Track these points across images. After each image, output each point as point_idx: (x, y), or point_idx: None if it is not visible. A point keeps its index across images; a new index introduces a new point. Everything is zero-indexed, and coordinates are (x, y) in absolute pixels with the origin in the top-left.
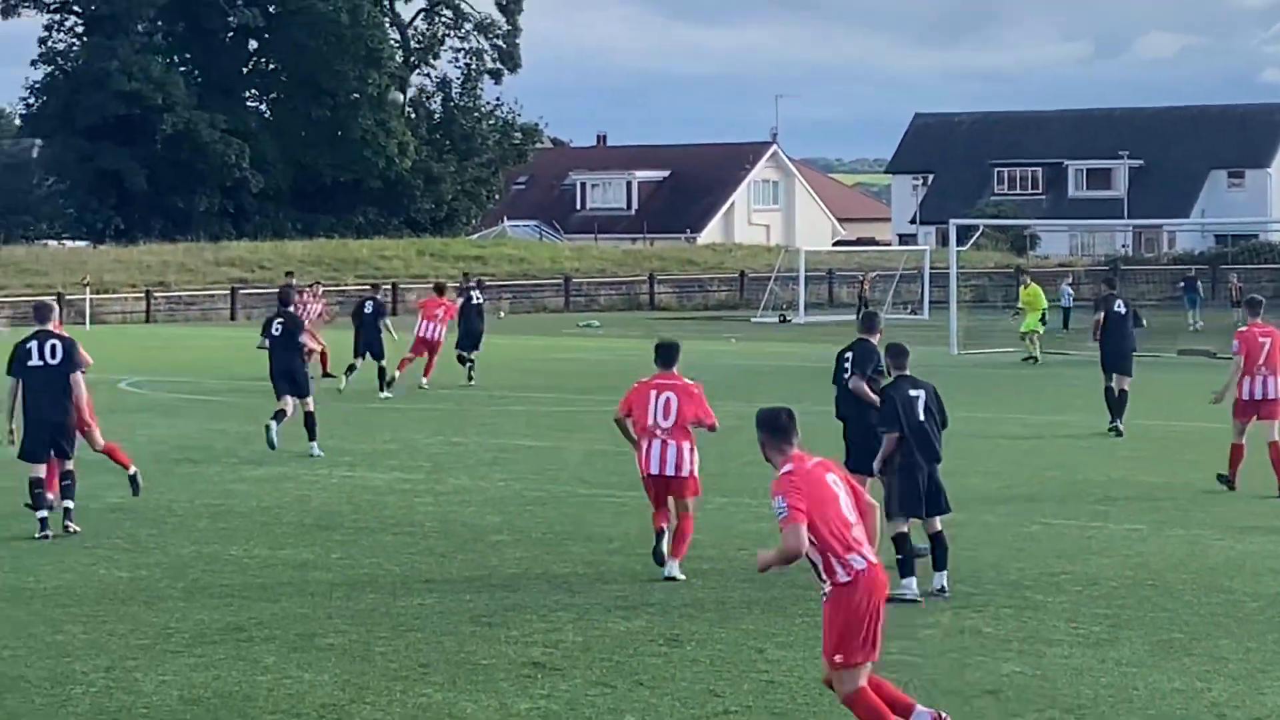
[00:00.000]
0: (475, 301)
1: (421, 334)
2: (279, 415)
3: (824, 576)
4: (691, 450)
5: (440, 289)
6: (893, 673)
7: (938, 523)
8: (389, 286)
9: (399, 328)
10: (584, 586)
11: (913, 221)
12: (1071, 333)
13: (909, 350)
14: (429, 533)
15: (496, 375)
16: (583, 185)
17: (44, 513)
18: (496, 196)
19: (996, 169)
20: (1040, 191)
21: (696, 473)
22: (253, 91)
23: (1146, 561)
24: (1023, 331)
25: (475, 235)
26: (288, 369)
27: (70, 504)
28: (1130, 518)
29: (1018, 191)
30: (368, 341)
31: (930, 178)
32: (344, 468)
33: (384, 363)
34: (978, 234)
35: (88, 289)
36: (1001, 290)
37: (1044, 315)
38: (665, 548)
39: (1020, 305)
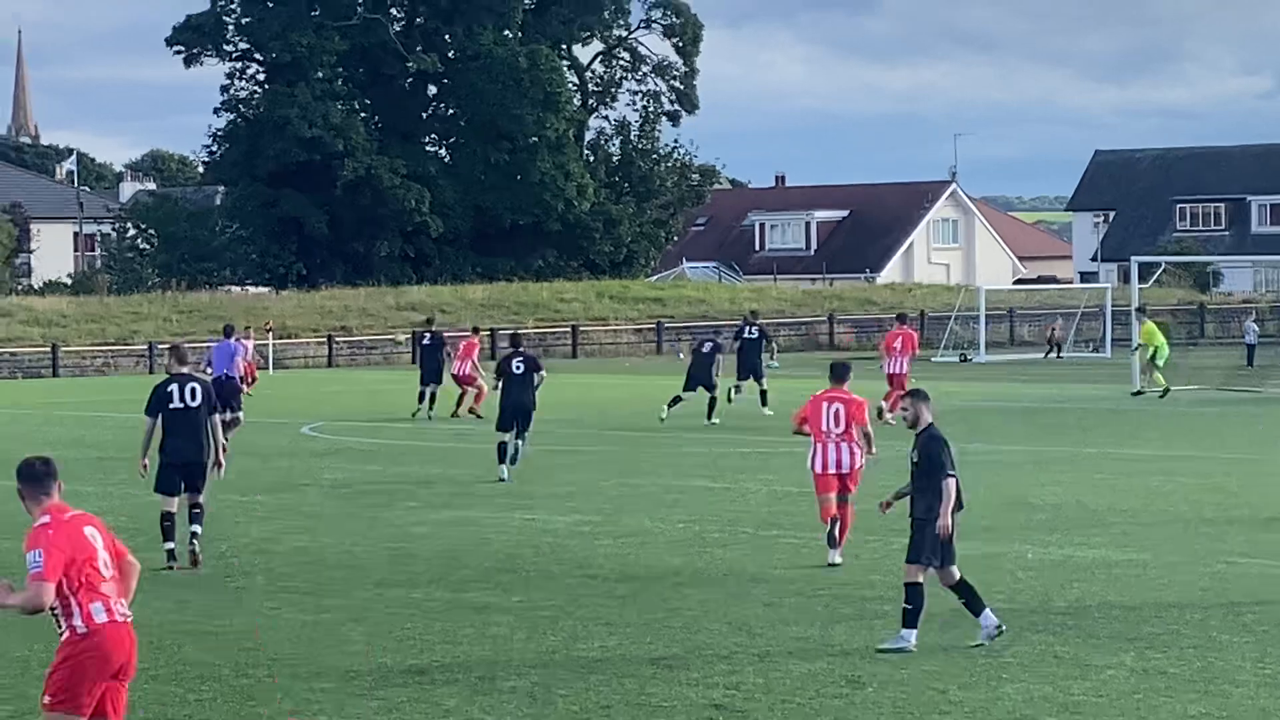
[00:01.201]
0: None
1: (455, 372)
2: (502, 449)
3: (62, 623)
4: (860, 451)
5: (475, 330)
6: (1076, 714)
7: (955, 571)
8: (569, 329)
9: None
10: (764, 628)
11: (1094, 259)
12: (1256, 369)
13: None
14: (608, 575)
15: (675, 418)
16: (761, 226)
17: (171, 544)
18: (675, 238)
19: (1178, 205)
20: (1223, 227)
21: (860, 465)
22: (432, 136)
23: None
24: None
25: (654, 277)
26: (522, 403)
27: (198, 529)
28: None
29: (1200, 227)
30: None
31: (1111, 215)
32: (524, 510)
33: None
34: (1160, 271)
35: (270, 334)
36: (1185, 328)
37: (1156, 351)
38: (835, 534)
39: (1139, 343)
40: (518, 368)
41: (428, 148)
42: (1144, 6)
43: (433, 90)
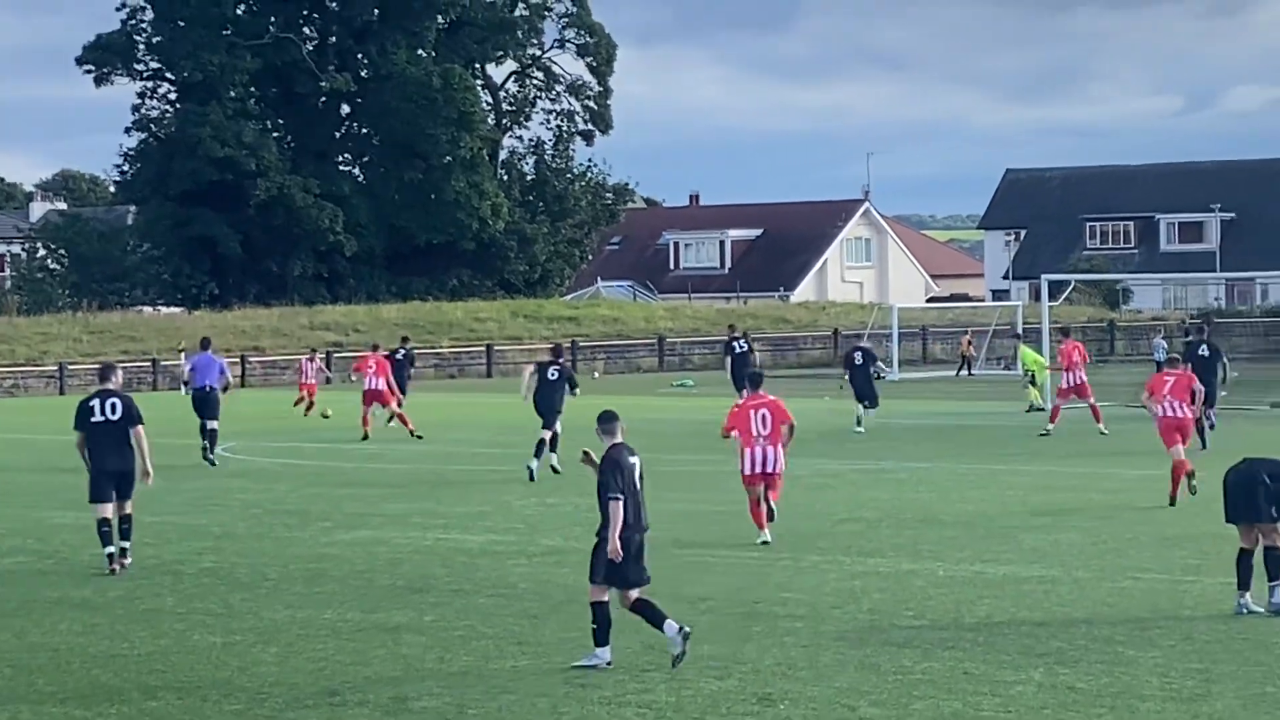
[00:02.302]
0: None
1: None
2: (540, 446)
3: None
4: (783, 451)
5: (375, 347)
6: None
7: (634, 594)
8: (484, 348)
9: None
10: None
11: (1005, 277)
12: None
13: (618, 416)
14: (522, 594)
15: (589, 437)
16: (676, 245)
17: (110, 549)
18: (590, 257)
19: (1088, 223)
20: (1132, 246)
21: (782, 465)
22: (345, 156)
23: (1239, 615)
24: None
25: (569, 296)
26: (552, 404)
27: (127, 544)
28: (1223, 571)
29: (1110, 246)
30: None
31: (1022, 233)
32: (438, 530)
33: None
34: (1070, 289)
35: (183, 355)
36: (1095, 345)
37: (1033, 373)
38: (765, 515)
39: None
40: (553, 374)
41: (341, 167)
42: (1055, 26)
43: (346, 109)
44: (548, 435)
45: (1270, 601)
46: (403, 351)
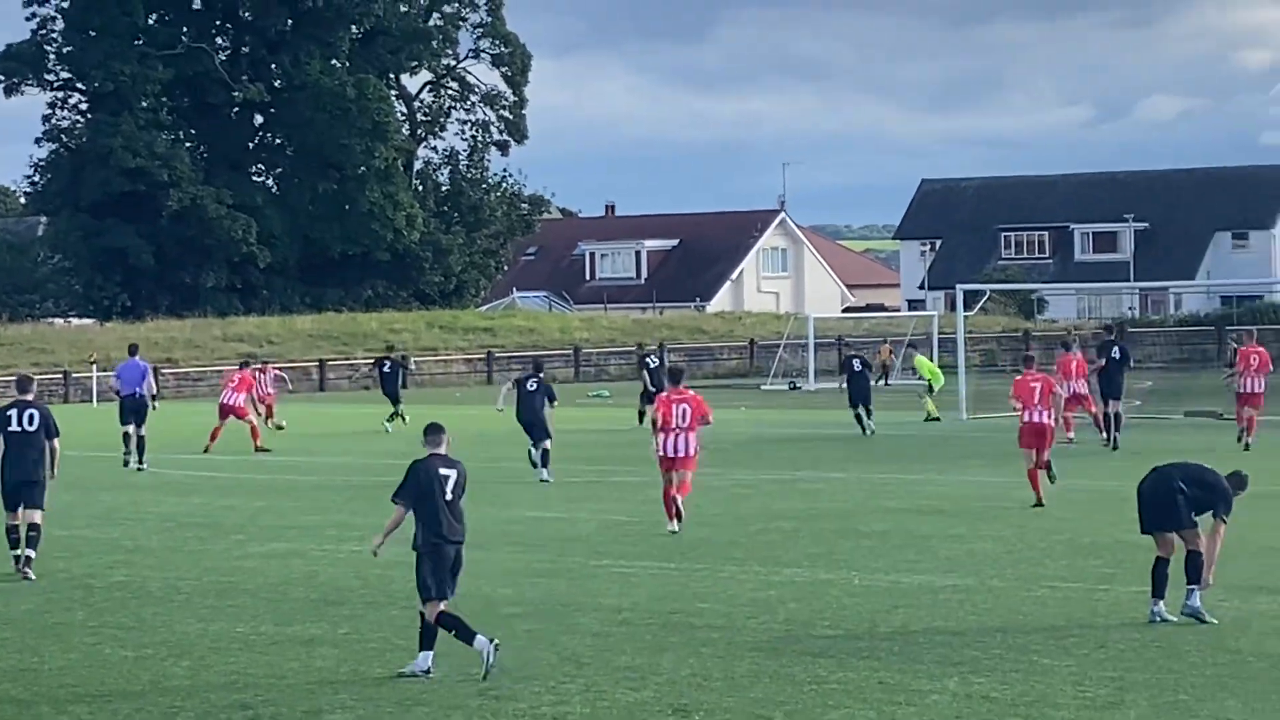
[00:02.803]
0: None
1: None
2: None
3: None
4: (696, 439)
5: (243, 365)
6: None
7: (441, 606)
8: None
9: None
10: (592, 657)
11: (921, 287)
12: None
13: (443, 428)
14: None
15: (505, 447)
16: (592, 255)
17: (17, 552)
18: (505, 268)
19: (1003, 233)
20: (1047, 255)
21: (696, 452)
22: (259, 166)
23: (1152, 623)
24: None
25: (485, 307)
26: (535, 416)
27: (33, 554)
28: (1137, 580)
29: (1024, 256)
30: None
31: (938, 243)
32: (352, 542)
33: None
34: (985, 299)
35: (94, 366)
36: (1009, 355)
37: (931, 382)
38: (674, 512)
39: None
40: (531, 385)
41: (254, 177)
42: (969, 37)
43: (259, 120)
44: (547, 444)
45: (1186, 604)
46: (388, 362)
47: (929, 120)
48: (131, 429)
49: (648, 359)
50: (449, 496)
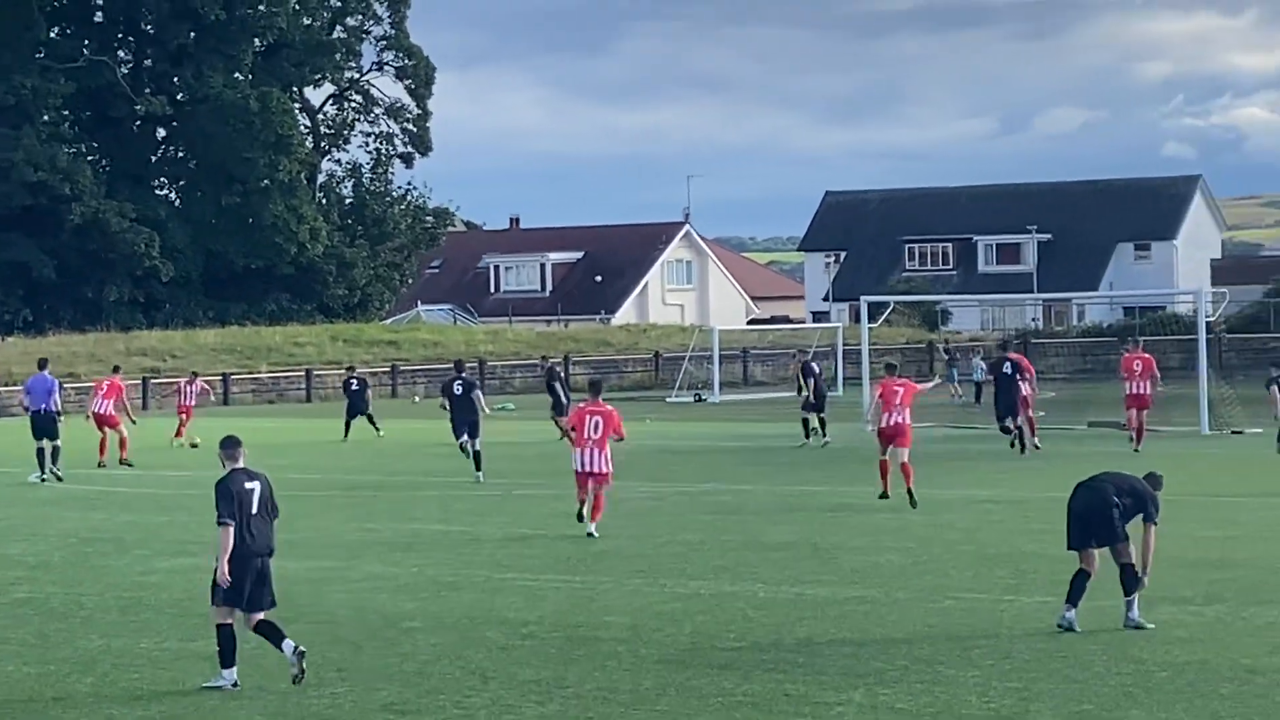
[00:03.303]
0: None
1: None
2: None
3: None
4: (608, 456)
5: (117, 370)
6: None
7: (258, 617)
8: (303, 373)
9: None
10: (497, 671)
11: (826, 299)
12: (984, 406)
13: (241, 441)
14: (341, 621)
15: (410, 461)
16: (496, 268)
17: None
18: (410, 281)
19: (907, 245)
20: (951, 267)
21: (609, 469)
22: (161, 180)
23: (1057, 633)
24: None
25: (389, 320)
26: (468, 416)
27: None
28: (1041, 590)
29: (929, 267)
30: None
31: (842, 255)
32: None
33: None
34: (889, 310)
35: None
36: (914, 366)
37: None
38: (586, 513)
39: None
40: (458, 389)
41: (157, 191)
42: (871, 50)
43: (162, 133)
44: (476, 444)
45: (1127, 617)
46: (355, 381)
47: (833, 133)
48: (45, 444)
49: (555, 368)
50: (254, 510)
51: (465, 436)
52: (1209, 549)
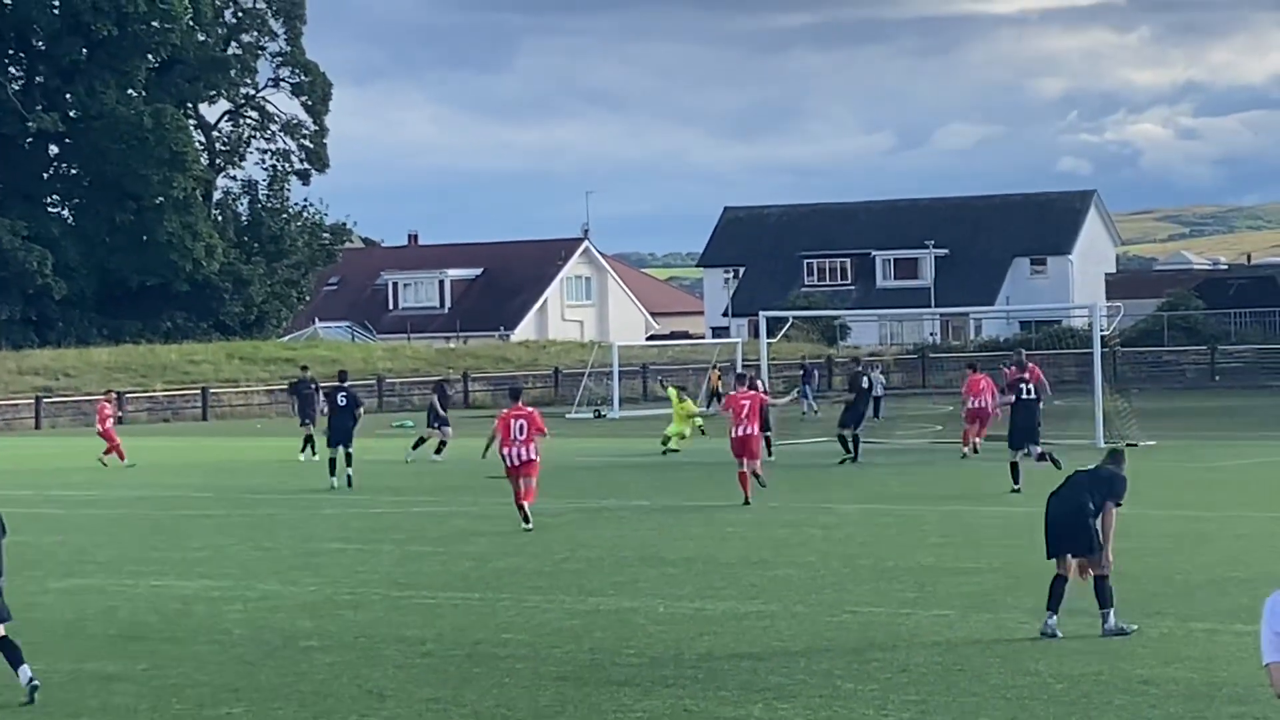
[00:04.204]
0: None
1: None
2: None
3: None
4: (535, 448)
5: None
6: None
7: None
8: (199, 391)
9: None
10: (395, 690)
11: (725, 314)
12: (883, 420)
13: None
14: (238, 640)
15: (307, 478)
16: (394, 285)
17: None
18: (307, 298)
19: (806, 260)
20: (849, 282)
21: (537, 458)
22: (54, 197)
23: (955, 646)
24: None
25: (287, 337)
26: (344, 426)
27: None
28: (939, 604)
29: (827, 282)
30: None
31: (742, 270)
32: (152, 576)
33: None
34: (788, 325)
35: None
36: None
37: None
38: (524, 513)
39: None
40: (342, 400)
41: (50, 208)
42: (767, 66)
43: (54, 150)
44: (340, 454)
45: (1105, 627)
46: (342, 394)
47: (732, 148)
48: None
49: (444, 384)
50: None
51: (339, 446)
52: None
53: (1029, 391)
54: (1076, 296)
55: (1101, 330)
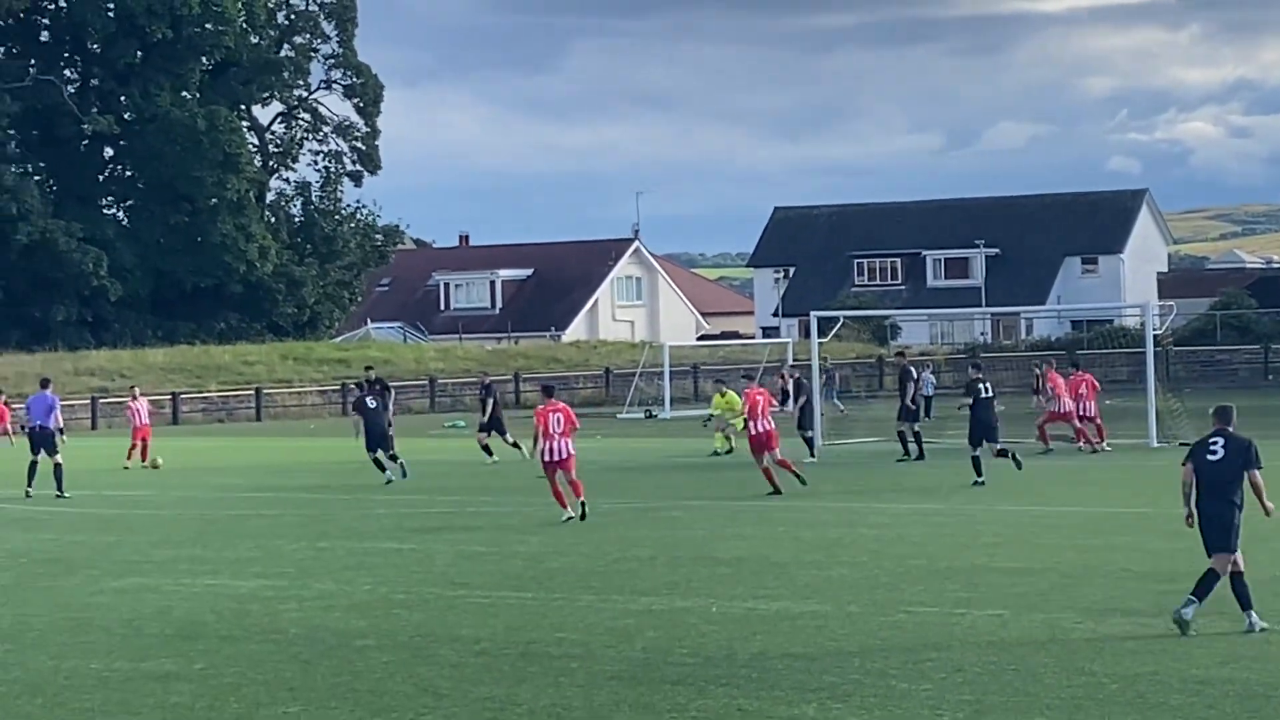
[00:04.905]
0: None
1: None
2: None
3: None
4: (570, 443)
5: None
6: None
7: None
8: (253, 392)
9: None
10: (451, 688)
11: (775, 314)
12: (934, 420)
13: None
14: (293, 640)
15: (361, 477)
16: (446, 285)
17: None
18: (359, 299)
19: (856, 260)
20: (899, 282)
21: (573, 453)
22: (109, 199)
23: (1009, 646)
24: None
25: (339, 338)
26: (380, 427)
27: None
28: (992, 603)
29: (877, 282)
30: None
31: (791, 270)
32: (207, 576)
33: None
34: (839, 325)
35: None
36: (864, 380)
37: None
38: (569, 499)
39: (713, 413)
40: (372, 403)
41: (105, 210)
42: (816, 66)
43: (110, 152)
44: (382, 455)
45: (1249, 624)
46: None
47: (780, 148)
48: (41, 459)
49: (491, 386)
50: None
51: (378, 450)
52: (1158, 561)
53: (986, 390)
54: (1128, 296)
55: (1154, 329)
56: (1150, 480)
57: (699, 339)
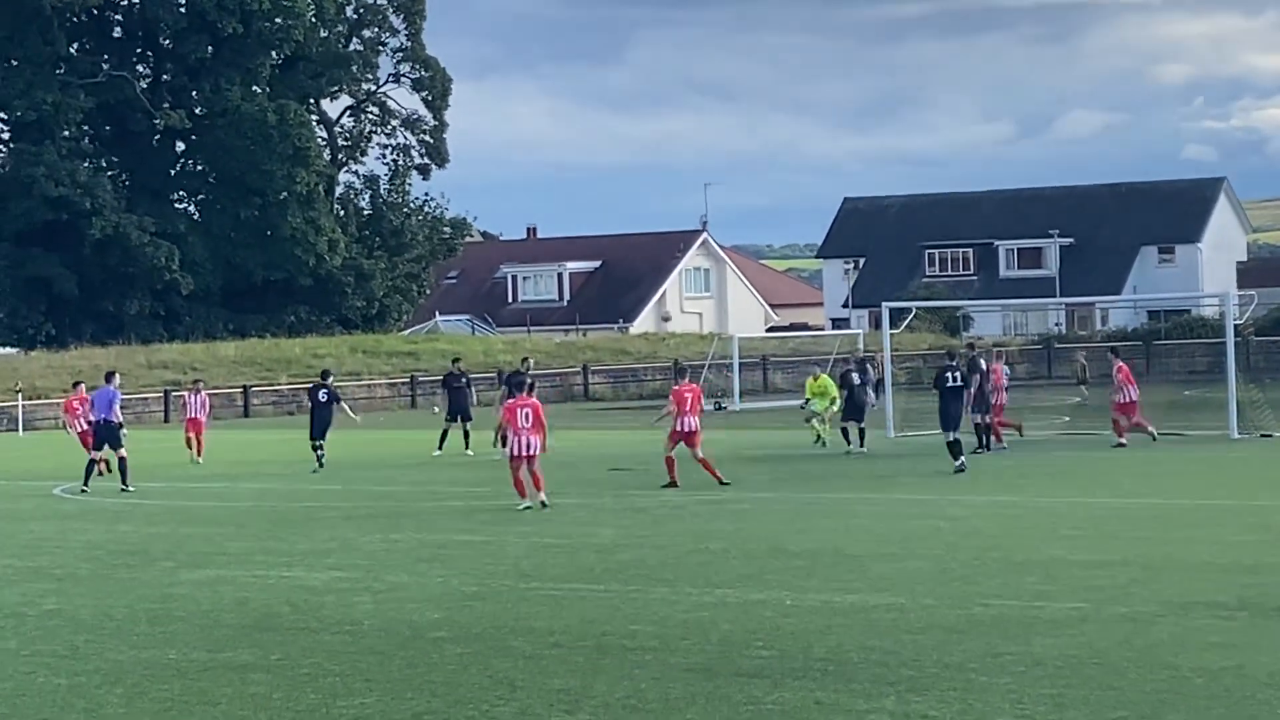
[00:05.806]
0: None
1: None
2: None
3: None
4: (540, 437)
5: (75, 384)
6: None
7: None
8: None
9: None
10: (525, 681)
11: (845, 305)
12: (1009, 411)
13: None
14: (368, 631)
15: (433, 470)
16: (514, 278)
17: None
18: (428, 291)
19: (927, 251)
20: (972, 272)
21: (539, 449)
22: (180, 193)
23: (1090, 640)
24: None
25: (408, 331)
26: (324, 420)
27: None
28: (1072, 596)
29: (949, 273)
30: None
31: (862, 261)
32: (281, 568)
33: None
34: (911, 316)
35: (20, 395)
36: (934, 372)
37: (834, 401)
38: (531, 496)
39: (809, 396)
40: (323, 397)
41: (177, 205)
42: (883, 55)
43: (181, 146)
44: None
45: None
46: (462, 377)
47: (849, 139)
48: (104, 453)
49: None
50: None
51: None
52: (1242, 553)
53: (954, 379)
54: (1206, 285)
55: (1234, 319)
56: (1230, 472)
57: (768, 330)
